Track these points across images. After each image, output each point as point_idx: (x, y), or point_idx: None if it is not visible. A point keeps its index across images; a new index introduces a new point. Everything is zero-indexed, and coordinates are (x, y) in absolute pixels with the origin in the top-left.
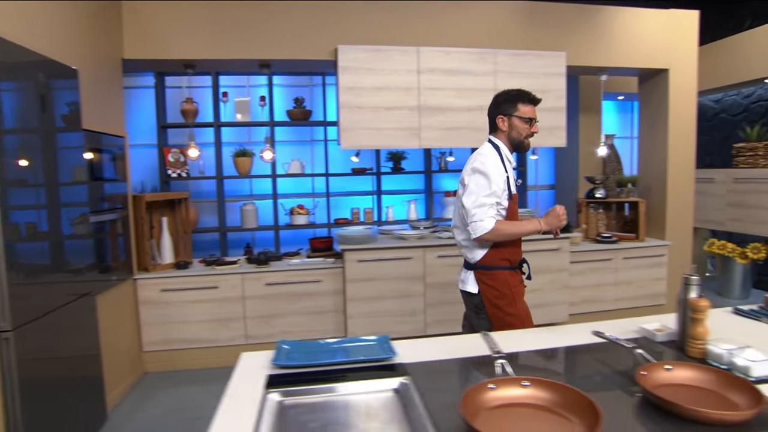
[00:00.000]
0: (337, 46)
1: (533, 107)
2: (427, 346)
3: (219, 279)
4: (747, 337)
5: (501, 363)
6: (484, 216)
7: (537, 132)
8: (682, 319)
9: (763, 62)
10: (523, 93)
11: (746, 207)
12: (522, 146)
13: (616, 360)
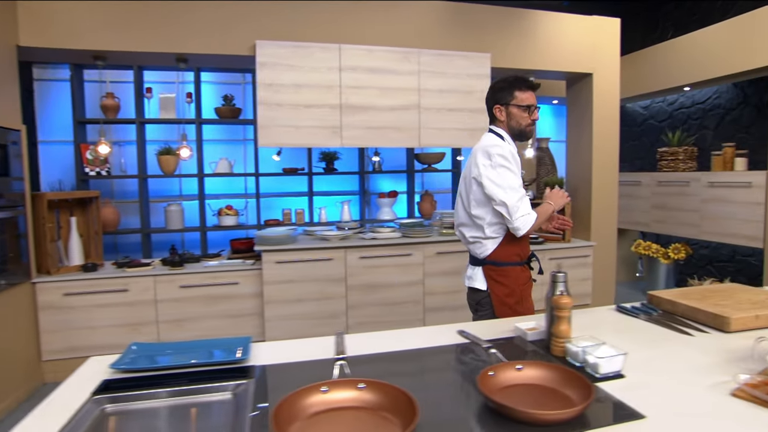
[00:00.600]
0: (256, 41)
1: (532, 93)
2: (293, 347)
3: (129, 281)
4: (618, 333)
5: (340, 364)
6: (528, 208)
7: (537, 119)
8: (549, 318)
9: (682, 71)
10: (520, 79)
11: (668, 209)
12: (524, 135)
13: (476, 361)
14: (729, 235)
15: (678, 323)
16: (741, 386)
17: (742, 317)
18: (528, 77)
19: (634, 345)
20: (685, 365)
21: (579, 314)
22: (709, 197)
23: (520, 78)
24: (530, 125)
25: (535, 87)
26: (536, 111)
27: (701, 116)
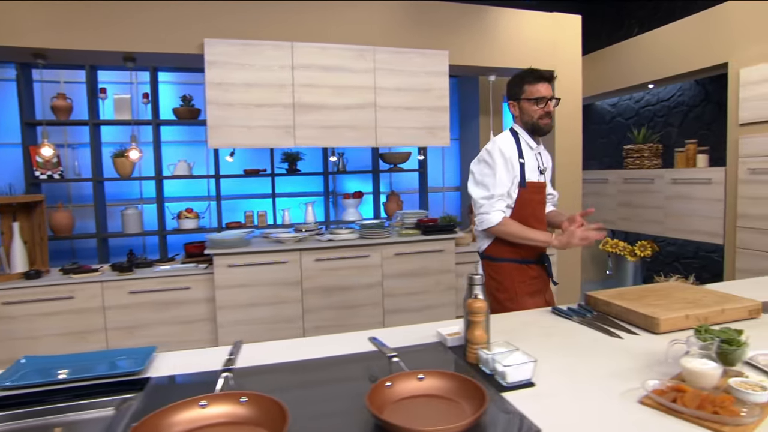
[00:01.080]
0: (204, 39)
1: (544, 84)
2: (199, 357)
3: (75, 288)
4: (545, 337)
5: (225, 376)
6: (491, 209)
7: (551, 111)
8: (465, 323)
9: (645, 68)
10: (528, 72)
11: (633, 206)
12: (538, 129)
13: (378, 371)
14: (691, 232)
15: (610, 325)
16: (648, 393)
17: (672, 317)
18: (538, 69)
19: (558, 349)
20: (605, 370)
21: (510, 317)
22: (673, 194)
23: (530, 70)
24: (543, 118)
25: (546, 77)
26: (550, 103)
27: (666, 113)
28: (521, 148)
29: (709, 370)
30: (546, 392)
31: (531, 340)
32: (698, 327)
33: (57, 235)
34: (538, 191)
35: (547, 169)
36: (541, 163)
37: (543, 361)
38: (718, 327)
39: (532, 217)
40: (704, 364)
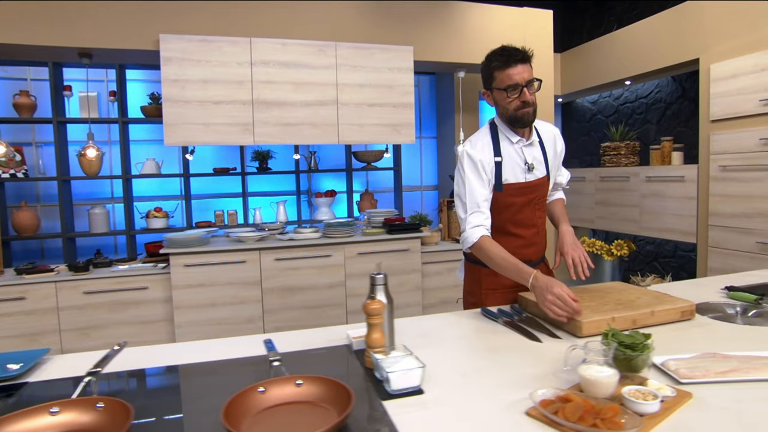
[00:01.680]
0: (159, 35)
1: (517, 67)
2: (87, 359)
3: (27, 289)
4: (457, 340)
5: (88, 380)
6: (467, 225)
7: (528, 99)
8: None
9: (621, 64)
10: (495, 54)
11: (610, 205)
12: (517, 121)
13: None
14: (665, 231)
15: (536, 327)
16: (535, 404)
17: (596, 320)
18: (507, 50)
19: (467, 353)
20: (508, 377)
21: (433, 319)
22: (648, 192)
23: (498, 50)
24: (521, 108)
25: (518, 57)
26: (526, 89)
27: (645, 110)
28: (498, 143)
29: (604, 378)
30: (433, 400)
31: (445, 343)
32: (605, 331)
33: (21, 235)
34: (520, 193)
35: (537, 162)
36: (526, 157)
37: (446, 366)
38: (641, 330)
39: (511, 222)
40: (600, 372)
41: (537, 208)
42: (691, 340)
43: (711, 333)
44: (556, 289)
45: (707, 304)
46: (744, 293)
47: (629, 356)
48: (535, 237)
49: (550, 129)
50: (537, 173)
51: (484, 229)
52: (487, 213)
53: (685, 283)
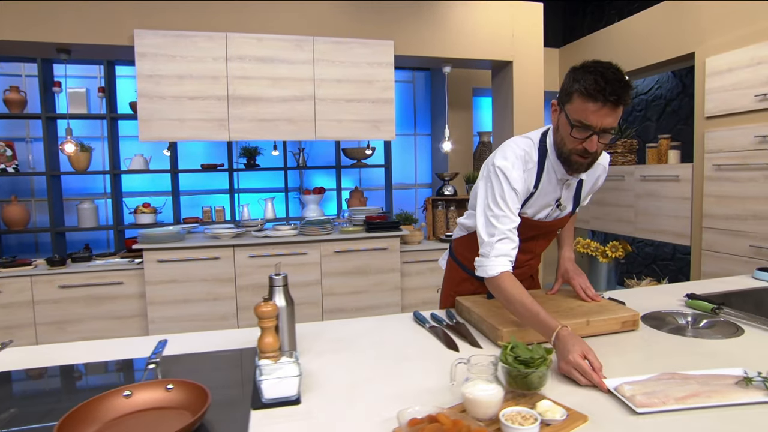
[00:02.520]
0: (134, 30)
1: (604, 108)
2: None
3: (2, 282)
4: (370, 348)
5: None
6: (491, 251)
7: (595, 151)
8: None
9: (618, 59)
10: (588, 74)
11: (605, 205)
12: (568, 163)
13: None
14: (660, 233)
15: (461, 335)
16: (401, 425)
17: (515, 329)
18: (610, 82)
19: (372, 361)
20: (397, 391)
21: (354, 323)
22: (643, 192)
23: (594, 72)
24: (578, 154)
25: (611, 99)
26: (595, 138)
27: (644, 107)
28: (542, 173)
29: (485, 397)
30: (306, 412)
31: (357, 349)
32: (505, 344)
33: (11, 229)
34: (533, 228)
35: (568, 200)
36: (562, 195)
37: (340, 375)
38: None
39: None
40: (482, 390)
41: (545, 240)
42: (621, 353)
43: (649, 345)
44: (574, 356)
45: (658, 313)
46: (702, 302)
47: (523, 373)
48: (529, 261)
49: (601, 163)
50: (563, 211)
51: (508, 262)
52: (517, 241)
53: (652, 290)
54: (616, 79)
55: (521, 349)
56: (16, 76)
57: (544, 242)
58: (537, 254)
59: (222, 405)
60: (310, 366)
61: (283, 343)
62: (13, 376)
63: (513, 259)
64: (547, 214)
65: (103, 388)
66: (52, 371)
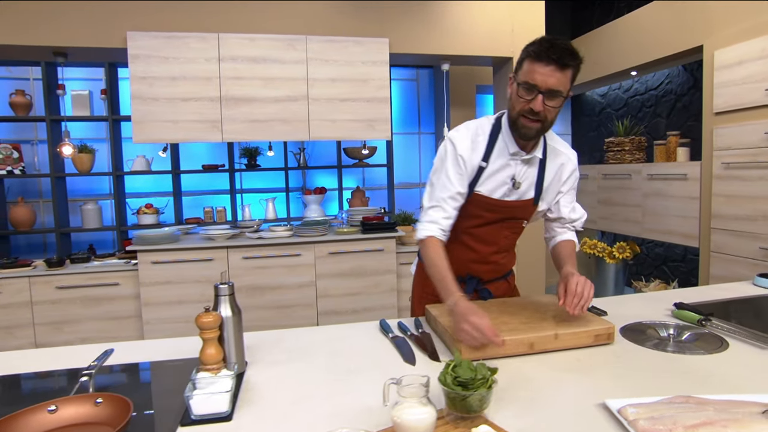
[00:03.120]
0: (127, 32)
1: (548, 68)
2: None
3: (2, 283)
4: (326, 357)
5: None
6: (423, 218)
7: (538, 109)
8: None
9: (626, 53)
10: (536, 42)
11: (612, 204)
12: (513, 125)
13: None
14: (667, 233)
15: (425, 347)
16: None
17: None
18: (553, 42)
19: (321, 374)
20: (333, 410)
21: (316, 331)
22: (650, 191)
23: (541, 40)
24: (525, 116)
25: (553, 57)
26: (540, 97)
27: (654, 103)
28: (493, 147)
29: (412, 421)
30: (234, 431)
31: (309, 360)
32: (448, 362)
33: (18, 230)
34: (490, 209)
35: (527, 182)
36: (516, 174)
37: (283, 390)
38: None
39: (468, 233)
40: (411, 414)
41: (507, 229)
42: (588, 370)
43: (620, 362)
44: (473, 317)
45: (640, 324)
46: (689, 312)
47: (461, 395)
48: (493, 256)
49: (565, 152)
50: (522, 194)
51: (437, 229)
52: (450, 212)
53: (640, 297)
54: (562, 45)
55: (463, 369)
56: (24, 80)
57: (509, 233)
58: (503, 248)
59: (151, 420)
60: (256, 378)
61: (229, 354)
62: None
63: (444, 227)
64: (504, 193)
65: (34, 400)
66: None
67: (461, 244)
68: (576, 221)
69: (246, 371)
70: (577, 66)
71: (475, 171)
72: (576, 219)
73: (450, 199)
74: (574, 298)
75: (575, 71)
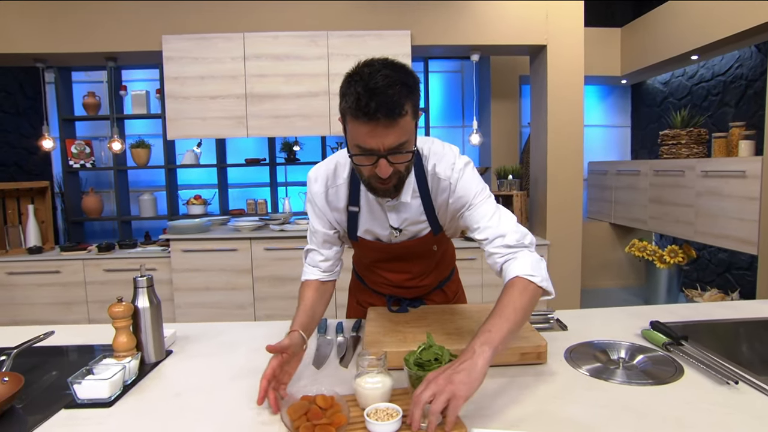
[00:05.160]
0: (162, 36)
1: (376, 127)
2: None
3: (62, 264)
4: (247, 352)
5: None
6: (306, 259)
7: (386, 176)
8: (134, 330)
9: (684, 35)
10: (351, 93)
11: (663, 203)
12: (370, 188)
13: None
14: (722, 238)
15: (341, 350)
16: (292, 397)
17: (390, 352)
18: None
19: (230, 372)
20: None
21: (245, 327)
22: (704, 190)
23: (360, 89)
24: (375, 182)
25: (377, 114)
26: (383, 163)
27: (722, 90)
28: (358, 190)
29: (367, 390)
30: (108, 415)
31: (226, 354)
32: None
33: (88, 217)
34: (384, 251)
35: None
36: (390, 220)
37: (184, 383)
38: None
39: (376, 267)
40: (367, 383)
41: (416, 259)
42: (500, 395)
43: (541, 388)
44: None
45: (590, 344)
46: (658, 334)
47: (416, 375)
48: (409, 282)
49: (443, 173)
50: (415, 234)
51: (317, 272)
52: (328, 254)
53: (619, 311)
54: (385, 86)
55: (428, 352)
56: (98, 83)
57: (419, 262)
58: (418, 274)
59: (44, 399)
60: (169, 369)
61: (146, 343)
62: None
63: (324, 268)
64: (388, 238)
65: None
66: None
67: (373, 272)
68: (505, 235)
69: (165, 361)
70: (414, 97)
71: (345, 217)
72: (501, 232)
73: (323, 243)
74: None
75: (414, 103)
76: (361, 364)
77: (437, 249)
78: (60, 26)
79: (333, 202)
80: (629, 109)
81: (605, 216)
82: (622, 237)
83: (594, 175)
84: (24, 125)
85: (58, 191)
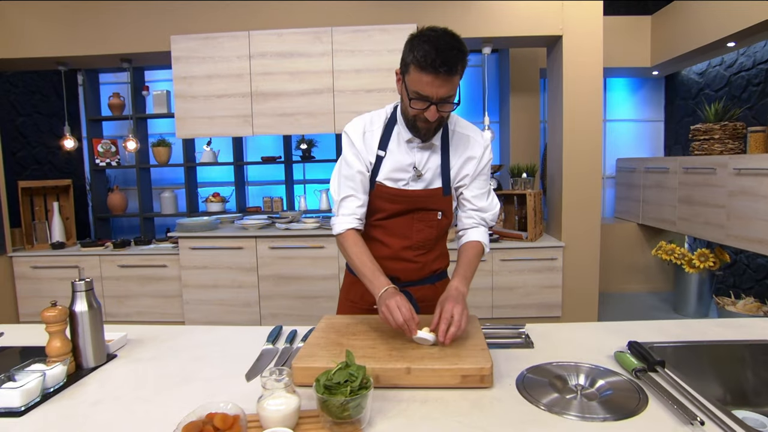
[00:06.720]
0: (170, 36)
1: (435, 78)
2: None
3: (80, 259)
4: (190, 360)
5: None
6: (337, 211)
7: (433, 120)
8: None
9: (718, 21)
10: (419, 44)
11: (693, 203)
12: (413, 127)
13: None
14: (755, 242)
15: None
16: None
17: (312, 367)
18: (441, 52)
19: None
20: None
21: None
22: (737, 189)
23: (425, 42)
24: (420, 122)
25: (441, 69)
26: (433, 109)
27: (764, 80)
28: (389, 136)
29: (268, 412)
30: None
31: (163, 362)
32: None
33: (113, 213)
34: (394, 200)
35: (430, 170)
36: (416, 161)
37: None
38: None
39: (376, 226)
40: (270, 405)
41: (419, 221)
42: (417, 426)
43: (478, 418)
44: (391, 301)
45: (548, 366)
46: (630, 357)
47: (321, 398)
48: (406, 252)
49: (473, 136)
50: (428, 183)
51: (354, 219)
52: (362, 197)
53: (598, 327)
54: (448, 48)
55: (340, 373)
56: (124, 84)
57: (422, 227)
58: (417, 243)
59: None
60: (102, 375)
61: (84, 348)
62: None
63: (359, 216)
64: (407, 182)
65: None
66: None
67: (372, 239)
68: (485, 212)
69: (106, 365)
70: (465, 62)
71: (374, 160)
72: (483, 207)
73: (360, 185)
74: (445, 324)
75: (464, 66)
76: (262, 383)
77: (441, 219)
78: (77, 29)
79: (368, 142)
80: (663, 102)
81: (633, 216)
82: (650, 239)
83: (622, 173)
84: (57, 126)
85: (89, 189)
